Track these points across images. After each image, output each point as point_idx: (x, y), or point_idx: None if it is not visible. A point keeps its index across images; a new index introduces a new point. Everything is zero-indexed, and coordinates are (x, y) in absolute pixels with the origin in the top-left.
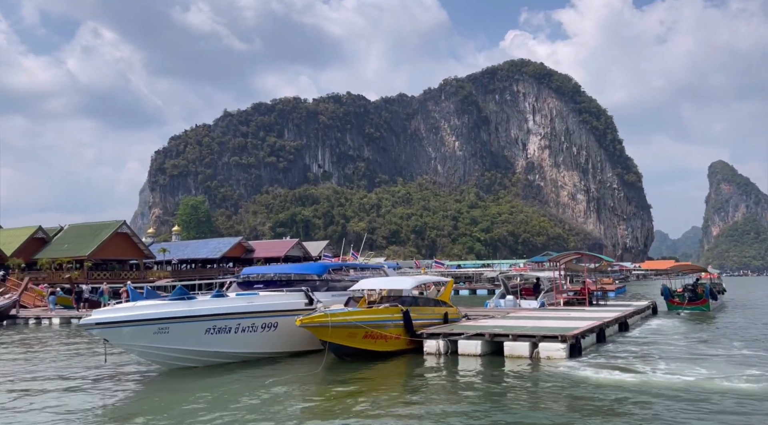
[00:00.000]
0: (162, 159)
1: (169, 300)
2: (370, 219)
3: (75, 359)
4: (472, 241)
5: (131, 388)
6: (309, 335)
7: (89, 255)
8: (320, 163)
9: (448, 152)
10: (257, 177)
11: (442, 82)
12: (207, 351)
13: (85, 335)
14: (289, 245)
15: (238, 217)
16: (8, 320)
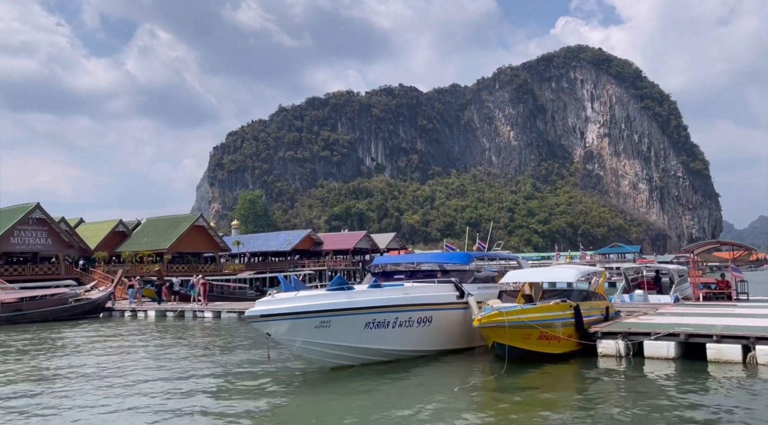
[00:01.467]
0: (220, 155)
1: (328, 290)
2: (423, 212)
3: (232, 354)
4: (529, 233)
5: (281, 391)
6: (462, 331)
7: (169, 248)
8: (373, 156)
9: (502, 142)
10: (312, 171)
11: (496, 71)
12: (364, 348)
13: (205, 327)
14: (357, 237)
15: (294, 211)
16: (104, 312)
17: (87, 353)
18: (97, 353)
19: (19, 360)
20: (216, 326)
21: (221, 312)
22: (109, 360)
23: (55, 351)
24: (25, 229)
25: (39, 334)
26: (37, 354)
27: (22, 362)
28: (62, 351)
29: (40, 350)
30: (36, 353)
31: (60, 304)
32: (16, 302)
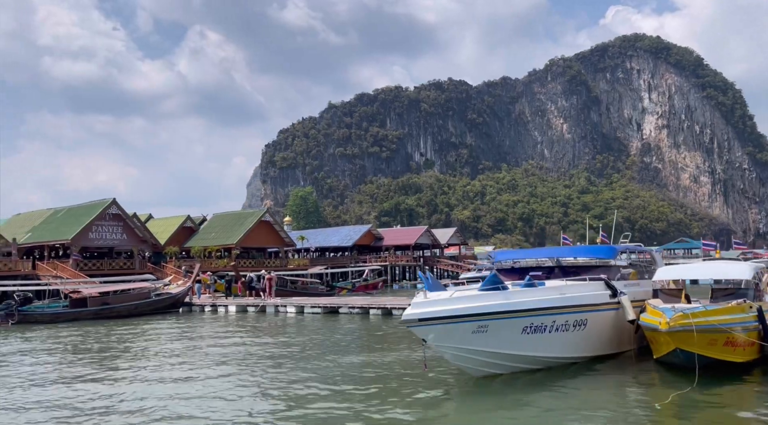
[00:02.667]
0: (272, 152)
1: (481, 290)
2: (474, 207)
3: (352, 355)
4: (584, 229)
5: (431, 399)
6: (613, 335)
7: (237, 243)
8: (422, 151)
9: (555, 135)
10: (361, 167)
11: (548, 63)
12: (520, 356)
13: (295, 323)
14: (418, 233)
15: (344, 207)
16: (183, 307)
17: (205, 348)
18: (217, 350)
19: (164, 357)
20: (304, 322)
21: (304, 308)
22: (233, 357)
23: (176, 347)
24: (102, 225)
25: (139, 327)
26: (163, 350)
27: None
28: (181, 346)
29: (164, 344)
30: (164, 348)
31: (143, 299)
32: (104, 296)
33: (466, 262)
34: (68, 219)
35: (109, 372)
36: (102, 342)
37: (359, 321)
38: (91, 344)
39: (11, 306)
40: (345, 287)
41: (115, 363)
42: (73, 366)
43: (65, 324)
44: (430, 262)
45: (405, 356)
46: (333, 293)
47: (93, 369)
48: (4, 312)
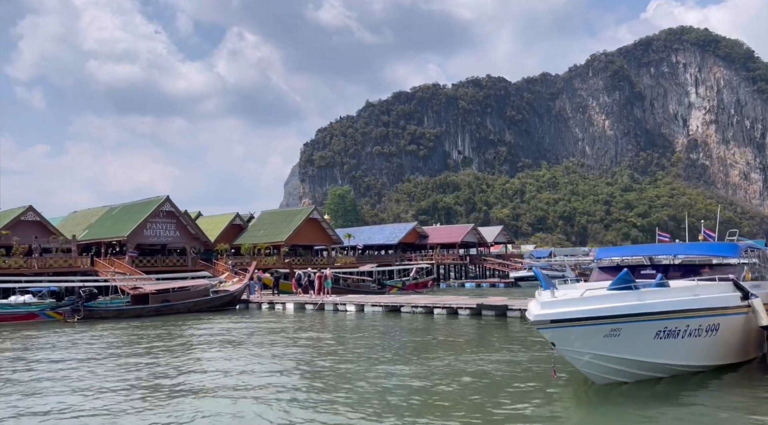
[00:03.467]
0: (310, 151)
1: (611, 289)
2: (513, 206)
3: (438, 358)
4: (627, 227)
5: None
6: (742, 342)
7: (286, 241)
8: (460, 149)
9: (597, 132)
10: (399, 165)
11: (589, 58)
12: (649, 363)
13: (361, 321)
14: (464, 231)
15: (382, 206)
16: (240, 304)
17: (292, 344)
18: (309, 349)
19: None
20: (368, 321)
21: (364, 306)
22: (321, 354)
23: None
24: (156, 222)
25: (203, 324)
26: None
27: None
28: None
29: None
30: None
31: (202, 296)
32: (165, 293)
33: (513, 261)
34: (123, 216)
35: (198, 365)
36: (173, 338)
37: (423, 320)
38: (164, 340)
39: (77, 302)
40: (395, 285)
41: (199, 356)
42: (158, 359)
43: (128, 320)
44: (477, 261)
45: (508, 358)
46: (384, 291)
47: (176, 363)
48: (70, 307)
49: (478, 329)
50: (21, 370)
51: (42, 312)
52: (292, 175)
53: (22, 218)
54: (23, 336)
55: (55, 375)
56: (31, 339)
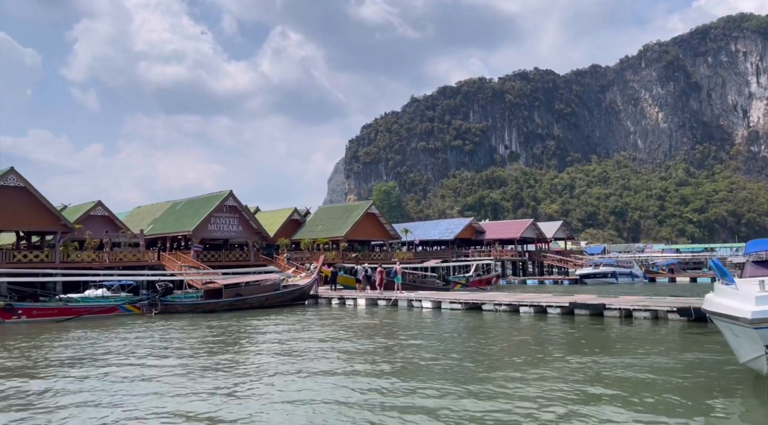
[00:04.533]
0: (355, 147)
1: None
2: (562, 201)
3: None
4: (683, 223)
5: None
6: None
7: (345, 236)
8: (507, 143)
9: (649, 125)
10: (444, 161)
11: (642, 49)
12: None
13: (446, 319)
14: (523, 226)
15: (427, 201)
16: (309, 300)
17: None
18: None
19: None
20: (449, 318)
21: (441, 303)
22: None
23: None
24: (220, 216)
25: (280, 319)
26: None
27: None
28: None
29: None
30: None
31: (274, 290)
32: (238, 287)
33: (575, 258)
34: (187, 211)
35: (288, 359)
36: (257, 333)
37: (509, 319)
38: (249, 334)
39: (154, 297)
40: (459, 282)
41: (287, 351)
42: (247, 355)
43: (202, 314)
44: (536, 257)
45: (654, 362)
46: (448, 288)
47: (266, 360)
48: (147, 301)
49: (579, 330)
50: (110, 364)
51: (121, 306)
52: (335, 171)
53: (91, 213)
54: (108, 329)
55: (144, 368)
56: (116, 332)
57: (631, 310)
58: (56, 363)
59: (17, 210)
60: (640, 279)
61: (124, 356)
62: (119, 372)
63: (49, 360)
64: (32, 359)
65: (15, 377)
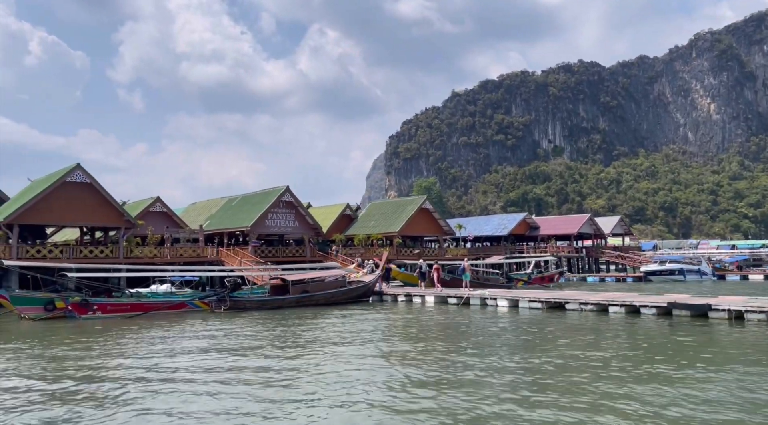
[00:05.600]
0: (395, 143)
1: None
2: (609, 196)
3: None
4: (737, 218)
5: None
6: None
7: (399, 232)
8: (550, 137)
9: (701, 117)
10: (486, 156)
11: (693, 38)
12: None
13: (534, 319)
14: (581, 221)
15: (469, 197)
16: (374, 296)
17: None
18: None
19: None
20: (530, 318)
21: (519, 302)
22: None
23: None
24: (277, 212)
25: (350, 316)
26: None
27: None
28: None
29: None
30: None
31: (339, 287)
32: (304, 284)
33: (635, 254)
34: (244, 206)
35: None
36: (334, 330)
37: (597, 319)
38: (326, 332)
39: (223, 293)
40: (521, 279)
41: (379, 346)
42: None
43: (270, 310)
44: (593, 254)
45: None
46: (511, 285)
47: (345, 361)
48: (216, 298)
49: (689, 333)
50: (181, 364)
51: (190, 302)
52: (373, 168)
53: (150, 209)
54: (181, 326)
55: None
56: (187, 327)
57: (743, 312)
58: (140, 363)
59: (83, 206)
60: (709, 277)
61: (203, 353)
62: (201, 373)
63: (130, 356)
64: (112, 356)
65: (94, 375)
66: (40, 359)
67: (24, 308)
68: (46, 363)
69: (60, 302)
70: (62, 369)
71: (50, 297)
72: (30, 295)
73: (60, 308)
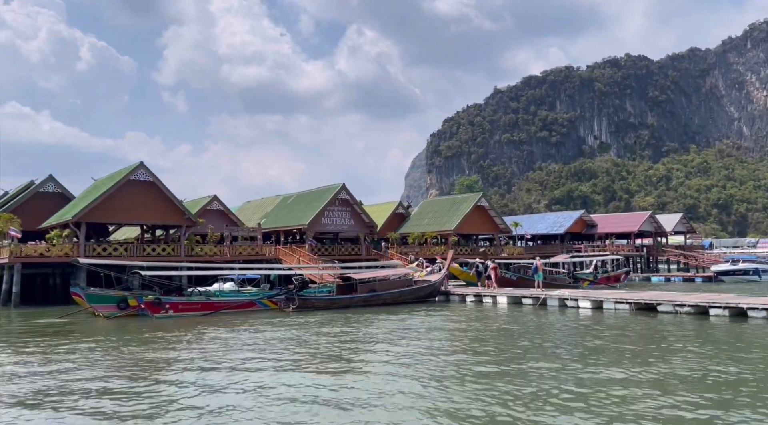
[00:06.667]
0: (437, 141)
1: None
2: (658, 193)
3: None
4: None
5: None
6: None
7: (455, 229)
8: (596, 134)
9: (757, 110)
10: (529, 153)
11: (748, 28)
12: None
13: (627, 322)
14: (641, 219)
15: (512, 195)
16: (440, 296)
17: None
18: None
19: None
20: (621, 321)
21: (603, 303)
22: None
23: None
24: (333, 210)
25: (424, 317)
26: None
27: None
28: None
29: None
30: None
31: (407, 286)
32: (372, 282)
33: (698, 252)
34: (299, 205)
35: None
36: (411, 336)
37: (695, 323)
38: (401, 336)
39: (291, 291)
40: (587, 278)
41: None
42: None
43: (338, 310)
44: (655, 252)
45: None
46: (578, 285)
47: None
48: (285, 296)
49: None
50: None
51: (259, 301)
52: (412, 167)
53: (207, 207)
54: (253, 325)
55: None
56: (267, 327)
57: None
58: (224, 362)
59: (146, 204)
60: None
61: (276, 353)
62: (280, 375)
63: (211, 356)
64: (187, 357)
65: (169, 375)
66: (135, 358)
67: (98, 306)
68: (143, 364)
69: (132, 300)
70: (157, 368)
71: (123, 295)
72: (104, 293)
73: (133, 306)
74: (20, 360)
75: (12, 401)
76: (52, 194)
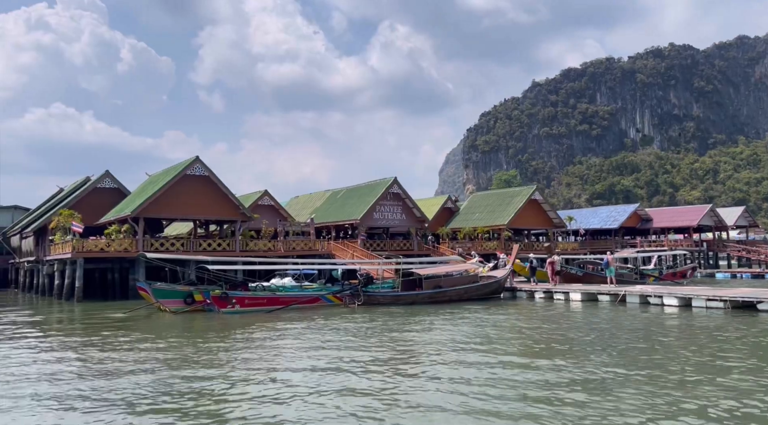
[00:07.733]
0: (473, 136)
1: None
2: (705, 187)
3: None
4: None
5: None
6: None
7: (507, 224)
8: (638, 126)
9: None
10: (569, 147)
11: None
12: None
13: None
14: (700, 212)
15: (551, 190)
16: (505, 293)
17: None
18: None
19: None
20: (723, 322)
21: (692, 300)
22: None
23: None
24: (384, 204)
25: (498, 315)
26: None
27: None
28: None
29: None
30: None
31: (472, 282)
32: (437, 278)
33: (759, 247)
34: (349, 200)
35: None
36: (497, 335)
37: None
38: (484, 336)
39: (356, 287)
40: (652, 274)
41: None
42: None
43: (404, 306)
44: (715, 247)
45: None
46: (645, 281)
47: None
48: (350, 292)
49: None
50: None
51: (323, 297)
52: (446, 162)
53: (259, 202)
54: (325, 321)
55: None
56: (340, 324)
57: None
58: (302, 363)
59: (201, 199)
60: None
61: (362, 349)
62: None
63: (286, 355)
64: (264, 358)
65: (239, 374)
66: (229, 357)
67: (165, 301)
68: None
69: (198, 295)
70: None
71: (189, 290)
72: (171, 288)
73: (199, 301)
74: (117, 357)
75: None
76: (109, 190)
